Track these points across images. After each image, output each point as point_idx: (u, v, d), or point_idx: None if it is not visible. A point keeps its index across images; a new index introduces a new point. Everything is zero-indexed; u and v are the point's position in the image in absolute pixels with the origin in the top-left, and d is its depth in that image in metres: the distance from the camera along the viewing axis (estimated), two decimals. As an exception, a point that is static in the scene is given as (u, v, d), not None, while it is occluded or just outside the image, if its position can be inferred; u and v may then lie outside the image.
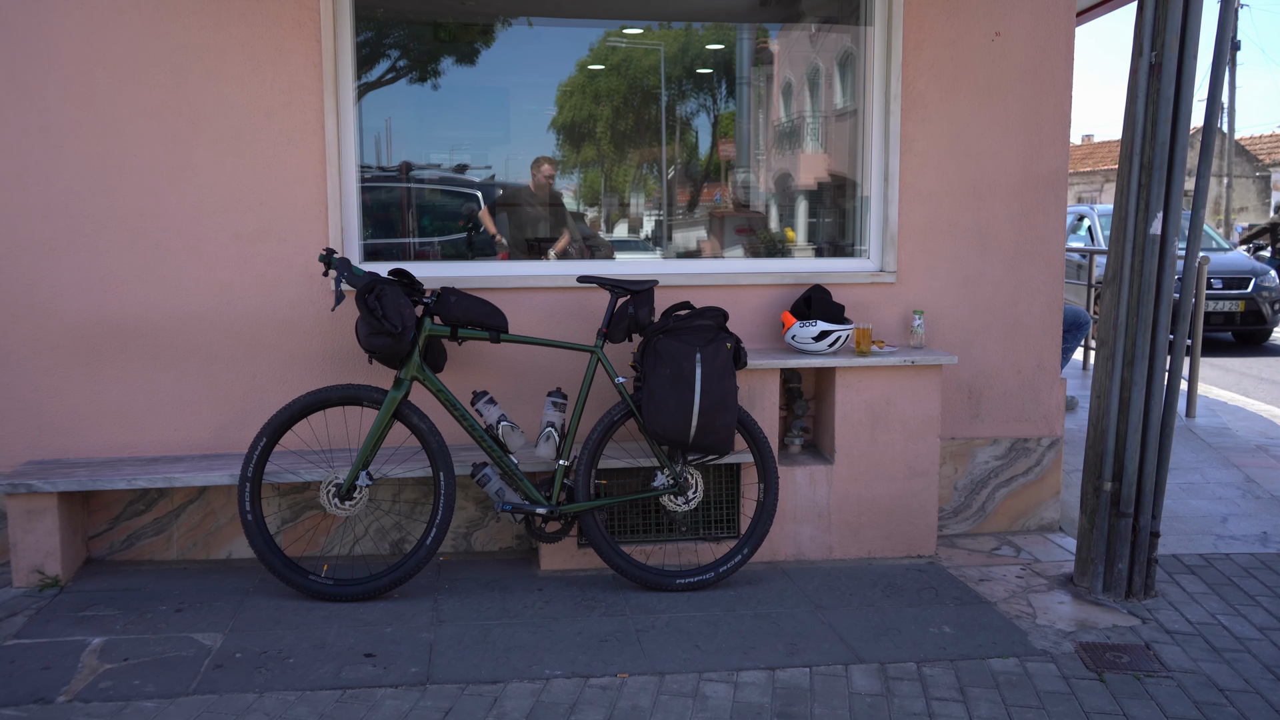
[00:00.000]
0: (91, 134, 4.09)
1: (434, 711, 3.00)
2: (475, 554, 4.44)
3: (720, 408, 3.79)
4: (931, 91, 4.56)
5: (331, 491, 3.83)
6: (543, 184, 5.04)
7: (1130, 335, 3.87)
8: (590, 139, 5.03)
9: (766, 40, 5.06)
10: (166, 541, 4.27)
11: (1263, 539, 4.64)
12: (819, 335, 4.27)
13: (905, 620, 3.70)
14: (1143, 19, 3.77)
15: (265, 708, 3.01)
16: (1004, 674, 3.27)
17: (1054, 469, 4.78)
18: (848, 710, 3.04)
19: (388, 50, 4.58)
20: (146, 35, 4.08)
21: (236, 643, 3.44)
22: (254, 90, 4.16)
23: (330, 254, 3.81)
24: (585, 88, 4.90)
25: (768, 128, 5.17)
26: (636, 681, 3.21)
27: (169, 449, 4.26)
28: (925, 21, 4.52)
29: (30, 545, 3.90)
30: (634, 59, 4.94)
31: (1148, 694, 3.16)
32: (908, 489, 4.38)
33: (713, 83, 5.10)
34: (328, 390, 3.82)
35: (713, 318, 3.92)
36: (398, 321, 3.69)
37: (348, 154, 4.28)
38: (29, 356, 4.14)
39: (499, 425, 3.90)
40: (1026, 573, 4.23)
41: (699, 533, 4.27)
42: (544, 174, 5.04)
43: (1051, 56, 4.60)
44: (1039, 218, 4.65)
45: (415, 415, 3.84)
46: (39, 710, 2.97)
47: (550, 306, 4.40)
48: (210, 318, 4.23)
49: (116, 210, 4.13)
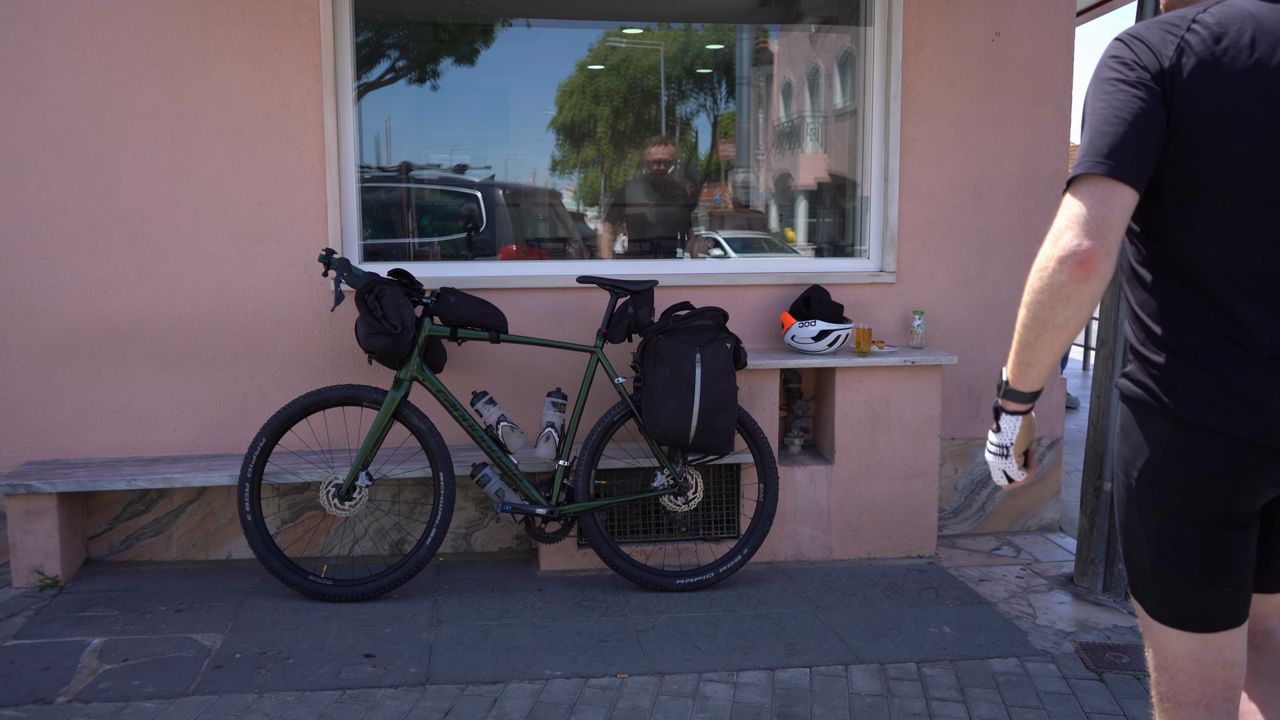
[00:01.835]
0: (91, 134, 4.09)
1: (434, 712, 3.00)
2: (475, 554, 4.44)
3: (720, 408, 3.78)
4: (931, 91, 4.56)
5: (331, 492, 3.83)
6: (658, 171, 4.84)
7: (1130, 335, 3.87)
8: (590, 139, 5.02)
9: (766, 40, 5.06)
10: (166, 542, 4.27)
11: (1263, 539, 4.64)
12: (818, 335, 4.27)
13: (905, 620, 3.70)
14: (1142, 19, 3.77)
15: (265, 708, 3.01)
16: (1004, 674, 3.27)
17: (1054, 469, 4.78)
18: (848, 710, 3.04)
19: (387, 50, 4.58)
20: (146, 36, 4.08)
21: (236, 643, 3.44)
22: (253, 90, 4.16)
23: (330, 254, 3.81)
24: (585, 88, 4.89)
25: (768, 128, 5.17)
26: (636, 682, 3.21)
27: (168, 449, 4.26)
28: (925, 21, 4.52)
29: (29, 546, 3.90)
30: (634, 59, 4.94)
31: (1148, 694, 3.15)
32: (908, 489, 4.38)
33: (713, 83, 5.09)
34: (327, 390, 3.82)
35: (712, 318, 3.91)
36: (397, 322, 3.68)
37: (347, 154, 4.28)
38: (29, 357, 4.14)
39: (499, 425, 3.90)
40: (1026, 573, 4.23)
41: (699, 533, 4.27)
42: (654, 157, 4.85)
43: (1051, 56, 4.60)
44: (1039, 218, 4.65)
45: (415, 415, 3.83)
46: (38, 711, 2.97)
47: (550, 307, 4.40)
48: (210, 318, 4.23)
49: (116, 210, 4.13)
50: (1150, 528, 1.74)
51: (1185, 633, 1.76)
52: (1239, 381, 1.61)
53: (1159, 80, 1.61)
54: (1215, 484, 1.65)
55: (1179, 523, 1.71)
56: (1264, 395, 1.59)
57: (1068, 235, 1.60)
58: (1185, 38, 1.61)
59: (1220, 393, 1.62)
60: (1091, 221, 1.58)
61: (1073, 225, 1.59)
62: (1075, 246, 1.58)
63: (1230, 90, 1.59)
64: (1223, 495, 1.66)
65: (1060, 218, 1.64)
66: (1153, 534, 1.74)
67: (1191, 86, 1.60)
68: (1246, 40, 1.60)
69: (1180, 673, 1.78)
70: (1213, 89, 1.59)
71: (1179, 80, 1.60)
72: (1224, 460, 1.63)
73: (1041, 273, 1.62)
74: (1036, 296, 1.64)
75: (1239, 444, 1.62)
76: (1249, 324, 1.61)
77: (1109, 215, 1.58)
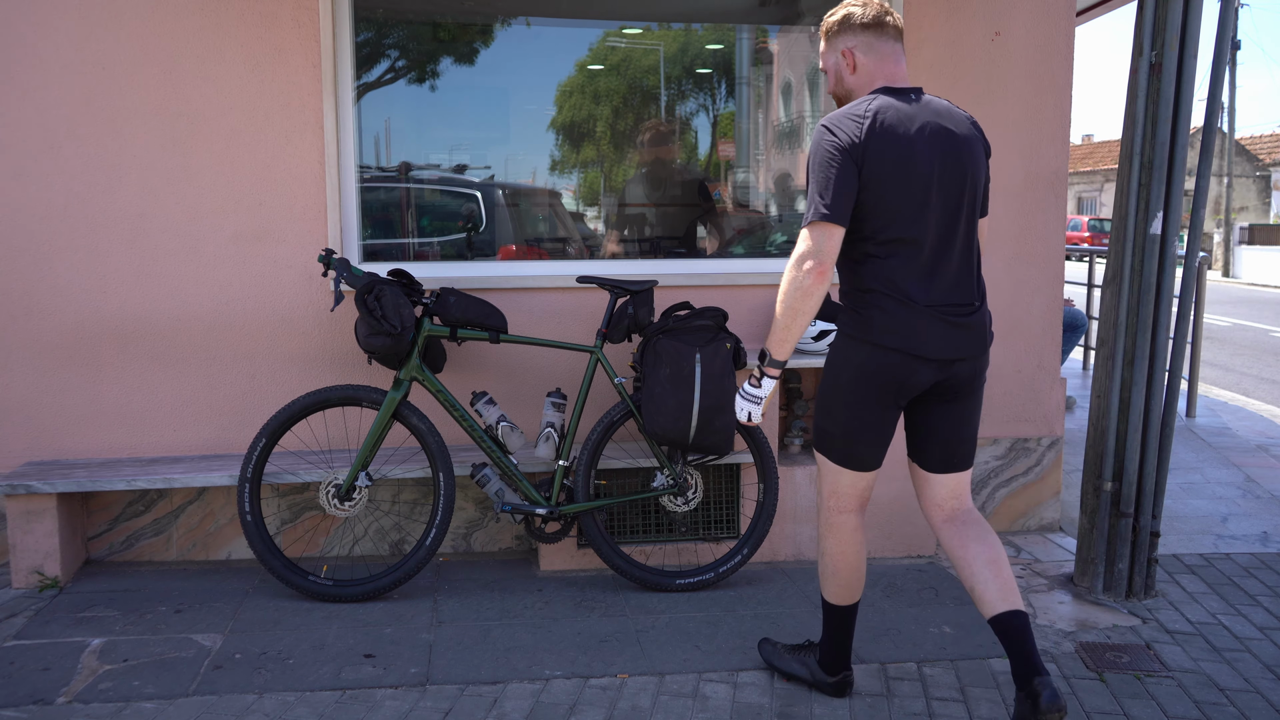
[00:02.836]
0: (90, 134, 4.09)
1: (434, 712, 3.00)
2: (475, 554, 4.44)
3: (720, 408, 3.78)
4: (932, 91, 4.55)
5: (331, 492, 3.83)
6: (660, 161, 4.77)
7: (1130, 335, 3.87)
8: (590, 139, 5.01)
9: (766, 40, 5.05)
10: (166, 542, 4.27)
11: (1263, 539, 4.64)
12: (818, 335, 4.27)
13: (905, 620, 3.70)
14: (1143, 19, 3.76)
15: (265, 708, 3.01)
16: (1004, 674, 3.27)
17: (1054, 469, 4.78)
18: (848, 710, 3.04)
19: (387, 50, 4.58)
20: (145, 36, 4.08)
21: (236, 643, 3.44)
22: (253, 90, 4.16)
23: (329, 254, 3.81)
24: (585, 88, 4.89)
25: (767, 127, 5.16)
26: (636, 682, 3.21)
27: (168, 450, 4.26)
28: (925, 21, 4.52)
29: (29, 546, 3.90)
30: (633, 59, 4.94)
31: (1148, 694, 3.16)
32: (908, 489, 4.38)
33: (712, 83, 5.09)
34: (326, 391, 3.82)
35: (712, 317, 3.90)
36: (397, 322, 3.68)
37: (347, 154, 4.28)
38: (28, 357, 4.14)
39: (498, 426, 3.89)
40: (1027, 573, 4.23)
41: (699, 533, 4.26)
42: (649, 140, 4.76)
43: (1051, 56, 4.60)
44: (1039, 218, 4.65)
45: (414, 415, 3.83)
46: (38, 711, 2.97)
47: (549, 307, 4.40)
48: (209, 318, 4.23)
49: (115, 210, 4.13)
50: (850, 409, 2.82)
51: (854, 472, 2.90)
52: (906, 321, 2.71)
53: (853, 153, 2.64)
54: (897, 383, 2.76)
55: (872, 406, 2.80)
56: (919, 329, 2.71)
57: (809, 261, 2.65)
58: (865, 123, 2.65)
59: (896, 328, 2.71)
60: (822, 252, 2.64)
61: (811, 255, 2.64)
62: (814, 266, 2.64)
63: (888, 153, 2.64)
64: (897, 388, 2.77)
65: (802, 247, 2.66)
66: (852, 414, 2.82)
67: (871, 153, 2.63)
68: (894, 121, 2.67)
69: (845, 495, 2.94)
70: (880, 154, 2.64)
71: (866, 151, 2.63)
72: (901, 366, 2.73)
73: (794, 283, 2.67)
74: (791, 298, 2.68)
75: (908, 356, 2.72)
76: (910, 291, 2.71)
77: (831, 247, 2.65)
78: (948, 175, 2.69)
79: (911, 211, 2.67)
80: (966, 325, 2.76)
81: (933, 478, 2.92)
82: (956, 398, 2.84)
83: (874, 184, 2.64)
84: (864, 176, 2.64)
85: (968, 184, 2.74)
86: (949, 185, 2.70)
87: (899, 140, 2.64)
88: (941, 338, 2.72)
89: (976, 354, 2.80)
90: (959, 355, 2.76)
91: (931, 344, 2.71)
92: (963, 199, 2.73)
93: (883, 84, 2.76)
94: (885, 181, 2.64)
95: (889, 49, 2.78)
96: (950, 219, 2.72)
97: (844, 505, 2.94)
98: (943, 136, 2.70)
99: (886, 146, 2.63)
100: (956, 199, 2.72)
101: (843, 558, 2.96)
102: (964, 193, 2.73)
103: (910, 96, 2.74)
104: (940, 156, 2.68)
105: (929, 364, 2.73)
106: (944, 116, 2.74)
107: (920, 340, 2.70)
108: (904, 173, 2.65)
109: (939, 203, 2.69)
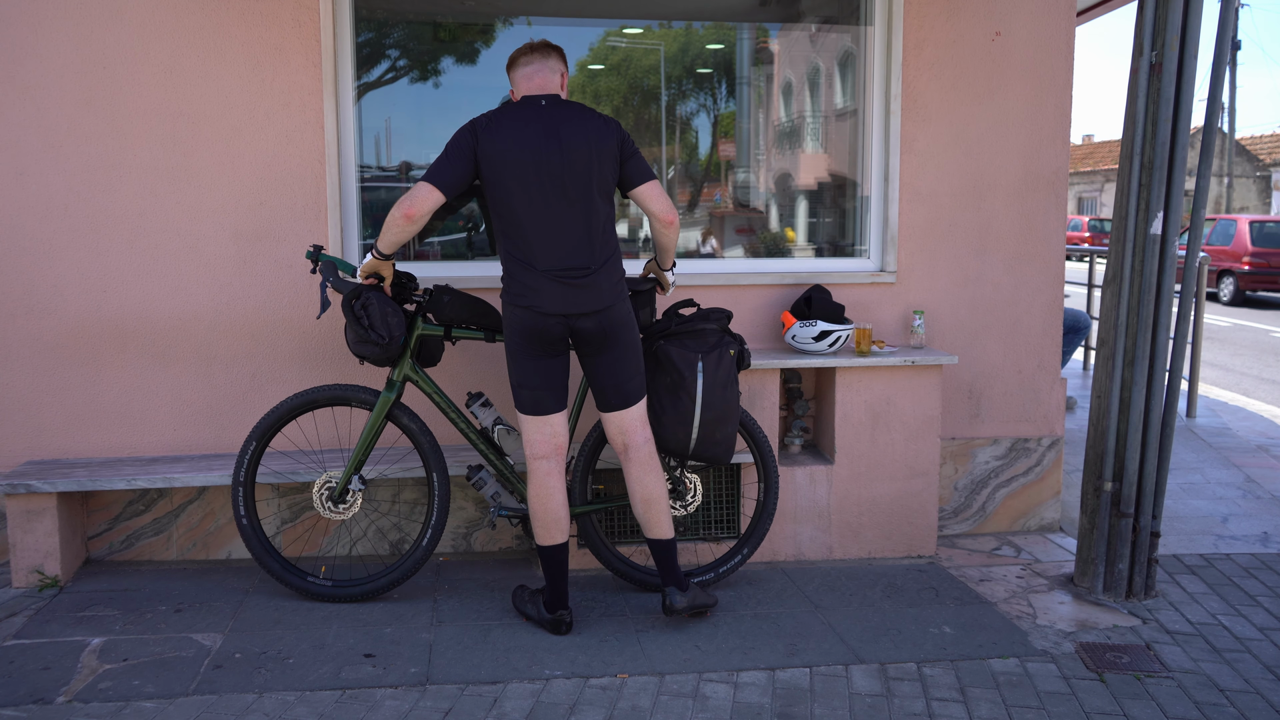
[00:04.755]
0: (91, 134, 4.09)
1: (434, 712, 3.00)
2: (475, 554, 4.44)
3: (721, 420, 3.69)
4: (931, 91, 4.56)
5: (324, 495, 3.81)
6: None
7: (1130, 335, 3.87)
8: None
9: (766, 40, 5.05)
10: (166, 542, 4.27)
11: (1263, 539, 4.64)
12: (819, 335, 4.27)
13: (905, 620, 3.70)
14: (1143, 19, 3.76)
15: (265, 708, 3.01)
16: (1004, 674, 3.27)
17: (1054, 469, 4.78)
18: (848, 710, 3.04)
19: (387, 50, 4.58)
20: (145, 35, 4.08)
21: (236, 643, 3.44)
22: (253, 90, 4.16)
23: (318, 250, 3.69)
24: (585, 88, 4.89)
25: (768, 128, 5.16)
26: (636, 682, 3.21)
27: (168, 449, 4.26)
28: (925, 21, 4.52)
29: (29, 545, 3.90)
30: (634, 59, 4.94)
31: (1148, 694, 3.16)
32: (908, 489, 4.38)
33: (713, 82, 5.09)
34: (314, 391, 3.79)
35: (716, 320, 3.79)
36: (384, 332, 3.57)
37: (347, 154, 4.28)
38: (28, 356, 4.14)
39: (494, 428, 3.87)
40: (1027, 573, 4.23)
41: (699, 533, 4.26)
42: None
43: (1051, 56, 4.60)
44: (1039, 218, 4.65)
45: (406, 416, 3.79)
46: (38, 710, 2.97)
47: (550, 306, 4.39)
48: (209, 317, 4.23)
49: (116, 210, 4.13)
50: (514, 359, 3.43)
51: (534, 417, 3.46)
52: (532, 284, 3.36)
53: (471, 144, 3.37)
54: (535, 334, 3.38)
55: (524, 355, 3.42)
56: (542, 289, 3.36)
57: (406, 202, 3.31)
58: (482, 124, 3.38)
59: (525, 290, 3.37)
60: (419, 201, 3.31)
61: (410, 199, 3.31)
62: (408, 209, 3.31)
63: (500, 147, 3.34)
64: (538, 339, 3.39)
65: (410, 193, 3.32)
66: (515, 363, 3.43)
67: (484, 145, 3.35)
68: (509, 123, 3.37)
69: (534, 442, 3.47)
70: (492, 147, 3.34)
71: (478, 145, 3.36)
72: (534, 322, 3.37)
73: (395, 212, 3.32)
74: (393, 220, 3.34)
75: (534, 312, 3.36)
76: (533, 258, 3.37)
77: (425, 200, 3.31)
78: (549, 162, 3.32)
79: (521, 193, 3.35)
80: (583, 285, 3.36)
81: (605, 416, 3.57)
82: (600, 349, 3.46)
83: (491, 171, 3.35)
84: (480, 164, 3.36)
85: (577, 169, 3.34)
86: (550, 170, 3.33)
87: (506, 137, 3.34)
88: (560, 296, 3.35)
89: (596, 309, 3.38)
90: (578, 310, 3.36)
91: (550, 301, 3.34)
92: (565, 180, 3.34)
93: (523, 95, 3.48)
94: (498, 168, 3.34)
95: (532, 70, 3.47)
96: (558, 198, 3.35)
97: (535, 451, 3.47)
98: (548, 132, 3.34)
99: (496, 140, 3.34)
100: (560, 180, 3.33)
101: (538, 500, 3.47)
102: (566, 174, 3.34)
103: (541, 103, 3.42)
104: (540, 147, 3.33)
105: (551, 318, 3.35)
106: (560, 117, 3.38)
107: (541, 298, 3.34)
108: (509, 163, 3.33)
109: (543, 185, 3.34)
